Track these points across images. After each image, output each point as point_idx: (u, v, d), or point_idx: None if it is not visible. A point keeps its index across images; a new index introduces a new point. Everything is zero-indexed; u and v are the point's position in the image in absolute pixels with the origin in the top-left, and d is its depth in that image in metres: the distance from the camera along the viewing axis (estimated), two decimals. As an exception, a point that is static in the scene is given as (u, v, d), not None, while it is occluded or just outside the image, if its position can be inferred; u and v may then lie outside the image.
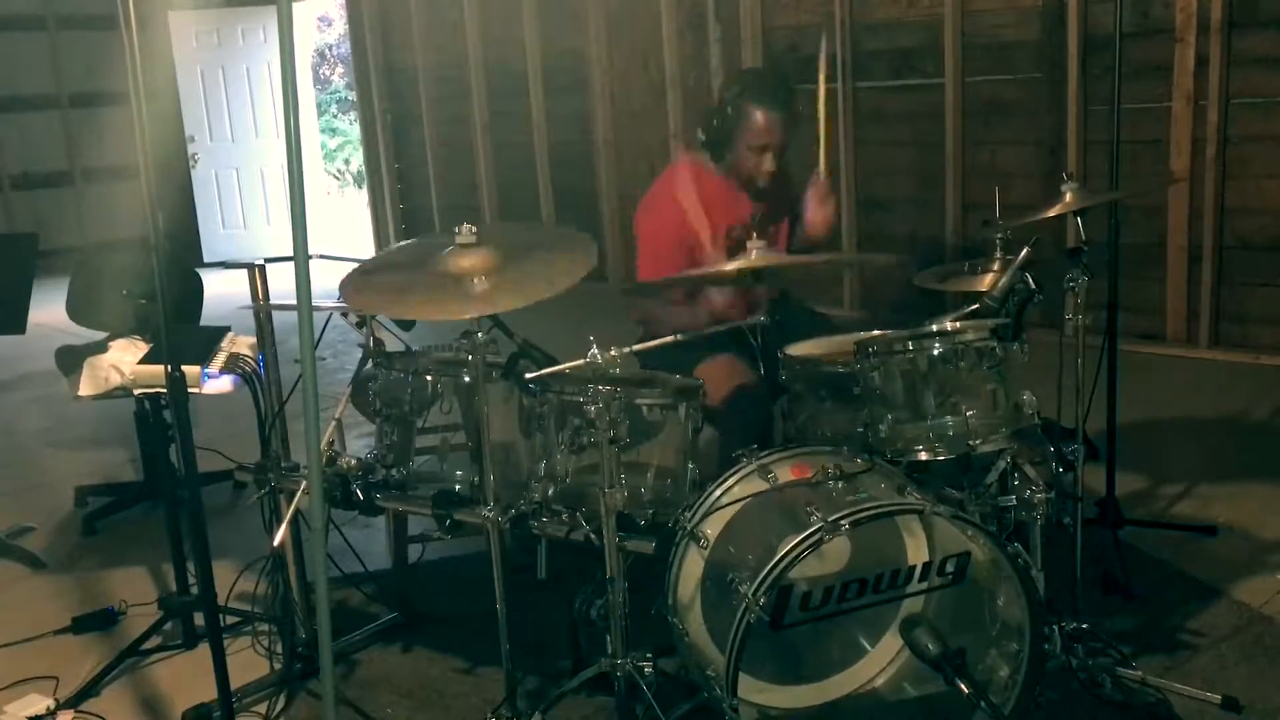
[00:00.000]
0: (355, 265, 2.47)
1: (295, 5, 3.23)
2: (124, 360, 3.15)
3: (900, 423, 2.37)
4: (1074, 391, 2.71)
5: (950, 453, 2.35)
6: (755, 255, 2.52)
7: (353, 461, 2.61)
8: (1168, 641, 2.74)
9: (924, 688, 2.30)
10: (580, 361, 2.33)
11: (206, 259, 9.07)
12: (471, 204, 8.22)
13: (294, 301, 1.79)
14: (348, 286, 2.39)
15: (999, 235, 2.78)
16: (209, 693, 2.47)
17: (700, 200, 3.14)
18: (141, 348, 3.12)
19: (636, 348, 2.56)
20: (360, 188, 11.87)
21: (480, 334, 2.33)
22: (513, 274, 2.29)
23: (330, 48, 14.95)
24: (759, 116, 3.03)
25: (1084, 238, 2.71)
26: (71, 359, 3.59)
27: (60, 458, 4.78)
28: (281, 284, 2.34)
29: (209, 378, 2.82)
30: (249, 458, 2.85)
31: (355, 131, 11.60)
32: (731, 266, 2.56)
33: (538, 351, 2.43)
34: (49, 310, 4.13)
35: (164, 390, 2.52)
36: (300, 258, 1.77)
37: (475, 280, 2.27)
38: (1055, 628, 2.47)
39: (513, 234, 2.61)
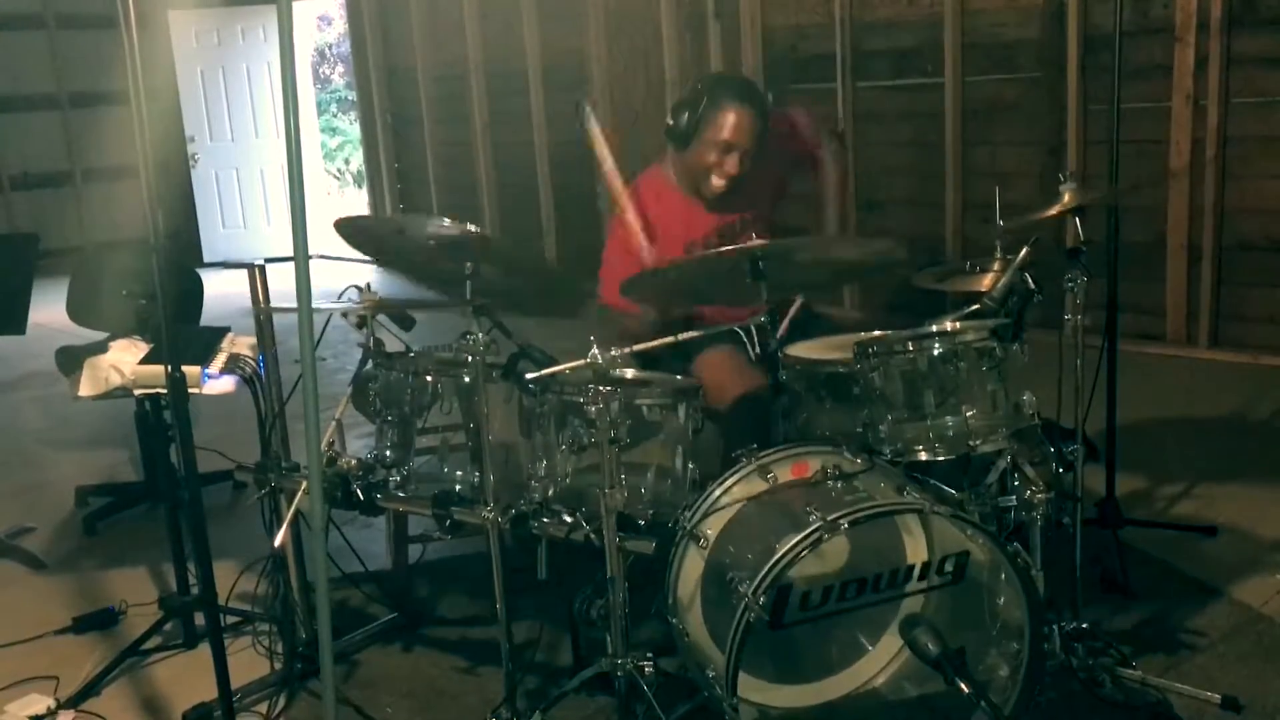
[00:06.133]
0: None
1: (295, 5, 3.23)
2: (124, 360, 3.15)
3: (900, 423, 2.37)
4: (1074, 391, 2.71)
5: (950, 453, 2.35)
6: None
7: (353, 461, 2.61)
8: (1168, 641, 2.74)
9: (924, 687, 2.30)
10: (580, 362, 2.33)
11: (206, 259, 9.07)
12: (472, 204, 8.22)
13: (294, 302, 1.80)
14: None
15: (999, 235, 2.78)
16: (209, 693, 2.48)
17: (656, 219, 3.10)
18: (141, 348, 3.12)
19: (637, 348, 2.56)
20: (360, 188, 11.86)
21: (480, 334, 2.33)
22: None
23: (330, 47, 14.94)
24: (731, 113, 2.96)
25: (1083, 238, 2.71)
26: (71, 359, 3.60)
27: (60, 458, 4.78)
28: (282, 284, 2.34)
29: (209, 378, 2.82)
30: (249, 458, 2.85)
31: (355, 131, 11.60)
32: (729, 249, 2.51)
33: (538, 351, 2.43)
34: (49, 310, 4.13)
35: (164, 390, 2.53)
36: (300, 258, 1.77)
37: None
38: (1055, 627, 2.47)
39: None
